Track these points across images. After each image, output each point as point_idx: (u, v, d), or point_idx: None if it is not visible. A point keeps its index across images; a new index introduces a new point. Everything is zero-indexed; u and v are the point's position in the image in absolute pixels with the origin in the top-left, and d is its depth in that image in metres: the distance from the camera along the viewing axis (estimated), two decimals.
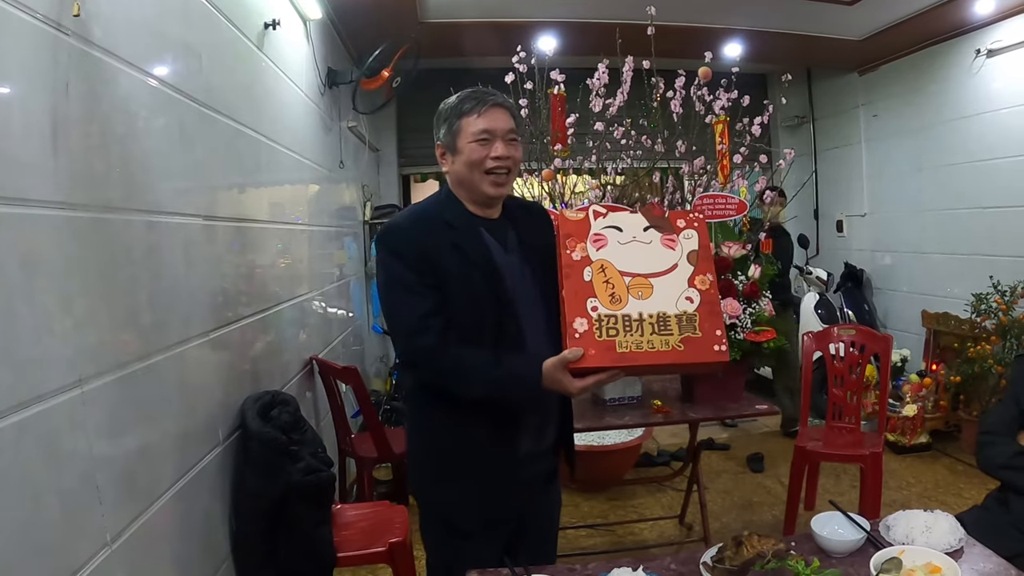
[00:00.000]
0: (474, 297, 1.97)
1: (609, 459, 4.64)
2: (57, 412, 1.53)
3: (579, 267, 1.95)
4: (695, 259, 1.99)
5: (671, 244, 2.01)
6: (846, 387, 4.03)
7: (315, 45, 4.43)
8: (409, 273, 1.95)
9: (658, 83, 3.51)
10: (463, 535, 2.07)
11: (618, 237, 2.01)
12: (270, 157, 3.37)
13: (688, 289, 1.95)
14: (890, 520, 1.91)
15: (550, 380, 1.89)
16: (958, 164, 5.79)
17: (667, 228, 2.03)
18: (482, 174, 1.99)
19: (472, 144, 1.98)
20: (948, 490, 4.51)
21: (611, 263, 1.96)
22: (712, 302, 1.94)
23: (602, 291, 1.92)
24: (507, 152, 2.00)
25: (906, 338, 6.08)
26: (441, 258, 1.95)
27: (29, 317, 1.47)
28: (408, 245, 1.97)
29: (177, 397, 2.16)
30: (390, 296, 2.02)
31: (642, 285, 1.94)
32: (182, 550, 2.13)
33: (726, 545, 1.80)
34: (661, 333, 1.88)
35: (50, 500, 1.48)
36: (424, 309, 1.93)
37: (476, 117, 1.98)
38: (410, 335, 1.97)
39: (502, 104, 2.03)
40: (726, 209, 3.10)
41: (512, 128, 2.03)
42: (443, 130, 2.05)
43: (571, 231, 2.00)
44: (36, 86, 1.56)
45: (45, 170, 1.57)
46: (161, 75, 2.18)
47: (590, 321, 1.88)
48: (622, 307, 1.90)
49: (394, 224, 2.07)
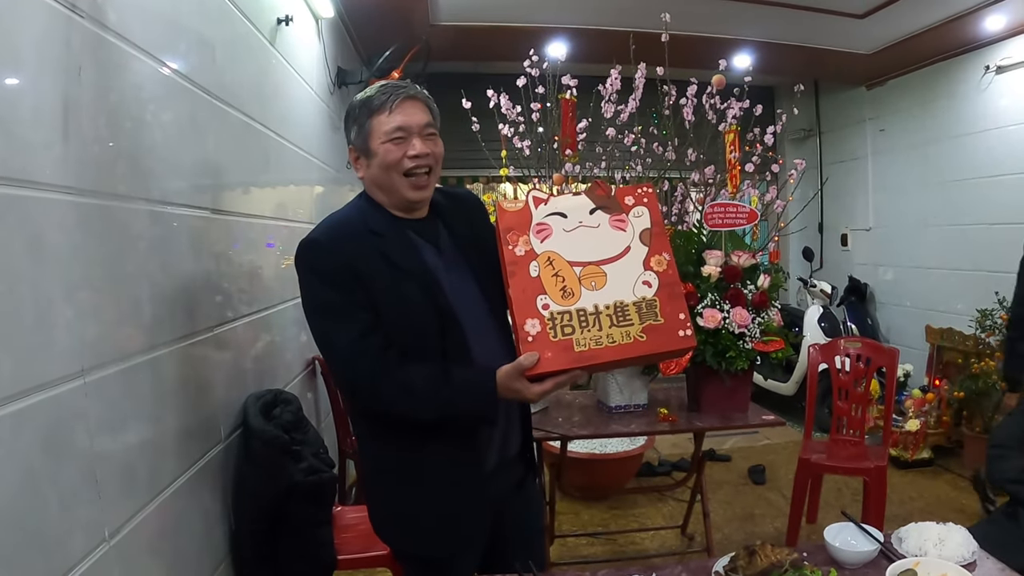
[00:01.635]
0: (411, 309, 1.80)
1: (611, 467, 4.61)
2: (58, 402, 1.51)
3: (524, 263, 1.79)
4: (648, 238, 1.84)
5: (621, 225, 1.85)
6: (850, 400, 4.01)
7: (326, 44, 4.42)
8: (334, 293, 1.78)
9: (670, 91, 3.49)
10: (439, 565, 1.95)
11: (563, 224, 1.84)
12: (279, 153, 3.36)
13: (644, 272, 1.80)
14: (902, 532, 1.89)
15: (506, 389, 1.75)
16: (965, 180, 5.78)
17: (615, 208, 1.87)
18: (400, 176, 1.83)
19: (386, 145, 1.81)
20: (950, 506, 4.48)
21: (558, 254, 1.80)
22: (672, 284, 1.80)
23: (552, 286, 1.76)
24: (425, 149, 1.83)
25: (909, 353, 6.04)
26: (368, 271, 1.78)
27: (32, 303, 1.45)
28: (330, 261, 1.80)
29: (179, 392, 2.14)
30: (317, 321, 1.83)
31: (594, 274, 1.79)
32: (180, 548, 2.11)
33: (738, 554, 1.78)
34: (620, 324, 1.74)
35: (48, 492, 1.46)
36: (355, 331, 1.77)
37: (387, 114, 1.81)
38: (346, 361, 1.80)
39: (415, 96, 1.85)
40: (737, 218, 3.07)
41: (429, 122, 1.86)
42: (354, 131, 1.89)
43: (511, 224, 1.84)
44: (48, 67, 1.55)
45: (54, 153, 1.55)
46: (174, 64, 2.17)
47: (542, 321, 1.73)
48: (575, 301, 1.75)
49: (311, 239, 1.85)
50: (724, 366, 2.99)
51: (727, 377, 3.04)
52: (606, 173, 3.83)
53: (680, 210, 3.80)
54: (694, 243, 3.21)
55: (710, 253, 3.08)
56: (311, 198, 4.13)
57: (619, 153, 3.83)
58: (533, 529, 2.23)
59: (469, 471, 1.90)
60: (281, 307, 3.31)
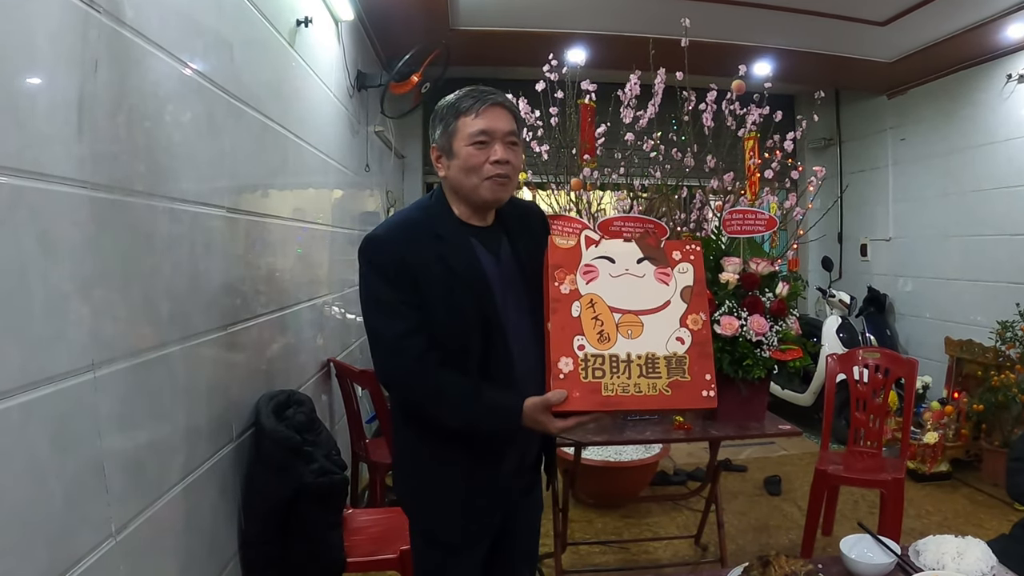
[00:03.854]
0: (460, 316, 1.85)
1: (625, 475, 4.57)
2: (67, 395, 1.50)
3: (567, 301, 1.85)
4: (689, 296, 1.90)
5: (665, 279, 1.92)
6: (868, 411, 3.97)
7: (346, 46, 4.42)
8: (388, 289, 1.84)
9: (690, 96, 3.47)
10: (445, 547, 2.01)
11: (610, 269, 1.90)
12: (297, 154, 3.36)
13: (680, 329, 1.87)
14: (920, 545, 1.86)
15: (530, 420, 1.81)
16: (985, 190, 5.72)
17: (662, 260, 1.93)
18: (481, 180, 1.86)
19: (469, 148, 1.85)
20: (968, 520, 4.41)
21: (601, 298, 1.87)
22: (703, 343, 1.86)
23: (590, 328, 1.83)
24: (507, 156, 1.87)
25: (928, 365, 5.98)
26: (425, 273, 1.83)
27: (43, 295, 1.44)
28: (388, 258, 1.84)
29: (191, 390, 2.14)
30: (368, 313, 1.90)
31: (632, 323, 1.86)
32: (188, 546, 2.10)
33: (752, 565, 1.76)
34: (649, 376, 1.81)
35: (54, 485, 1.46)
36: (402, 329, 1.82)
37: (474, 117, 1.85)
38: (387, 356, 1.87)
39: (502, 103, 1.89)
40: (756, 224, 3.04)
41: (513, 130, 1.90)
42: (439, 131, 1.92)
43: (560, 261, 1.89)
44: (64, 61, 1.55)
45: (68, 147, 1.55)
46: (191, 62, 2.17)
47: (576, 361, 1.80)
48: (610, 346, 1.82)
49: (375, 235, 1.91)
50: (741, 374, 2.95)
51: (744, 386, 3.00)
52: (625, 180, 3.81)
53: (699, 217, 3.77)
54: (712, 249, 3.18)
55: (728, 260, 3.04)
56: (329, 200, 4.13)
57: (638, 159, 3.81)
58: (533, 531, 2.31)
59: (488, 471, 1.97)
60: (296, 308, 3.31)
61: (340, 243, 4.33)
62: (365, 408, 4.30)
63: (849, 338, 6.00)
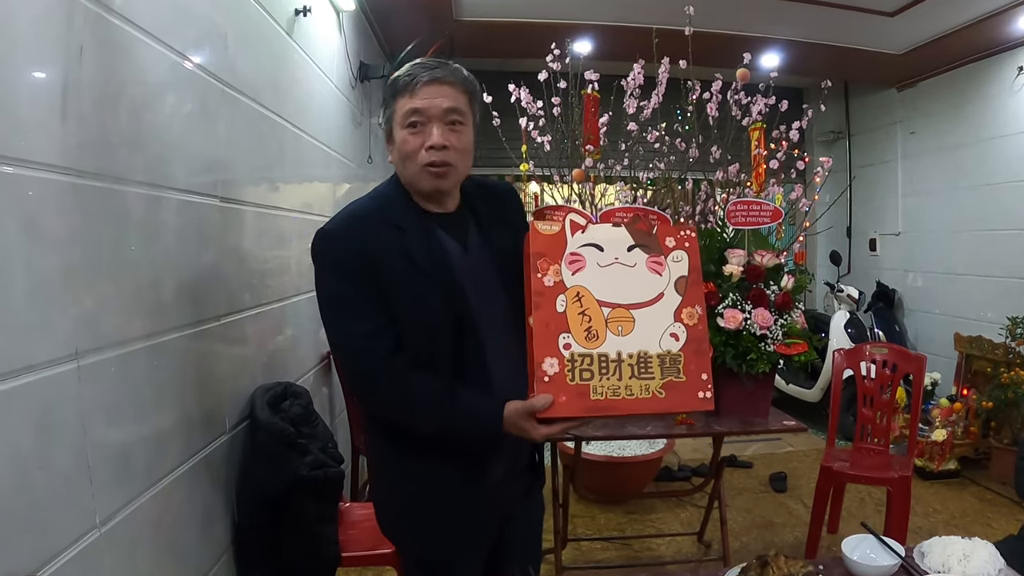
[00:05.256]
0: (427, 312, 1.69)
1: (628, 471, 4.53)
2: (49, 384, 1.47)
3: (552, 295, 1.67)
4: (683, 287, 1.74)
5: (658, 268, 1.74)
6: (876, 407, 3.91)
7: (347, 37, 4.38)
8: (347, 286, 1.67)
9: (694, 86, 3.42)
10: (443, 567, 1.88)
11: (598, 258, 1.72)
12: (295, 145, 3.32)
13: (674, 324, 1.71)
14: (925, 546, 1.81)
15: (512, 425, 1.65)
16: (996, 184, 5.65)
17: (654, 248, 1.76)
18: (418, 168, 1.70)
19: (403, 132, 1.69)
20: (976, 519, 4.35)
21: (588, 291, 1.69)
22: (699, 340, 1.71)
23: (577, 325, 1.66)
24: (442, 140, 1.67)
25: (937, 361, 5.91)
26: (386, 268, 1.67)
27: (23, 282, 1.41)
28: (345, 254, 1.68)
29: (182, 381, 2.10)
30: (328, 315, 1.73)
31: (623, 318, 1.69)
32: (179, 539, 2.06)
33: (750, 565, 1.71)
34: (641, 377, 1.66)
35: (36, 475, 1.42)
36: (367, 328, 1.67)
37: (409, 96, 1.67)
38: (353, 358, 1.72)
39: (441, 78, 1.68)
40: (760, 216, 2.99)
41: (454, 107, 1.69)
42: (383, 116, 1.77)
43: (543, 249, 1.70)
44: (47, 45, 1.51)
45: (52, 133, 1.51)
46: (182, 49, 2.13)
47: (561, 361, 1.63)
48: (599, 345, 1.66)
49: (328, 230, 1.73)
50: (745, 368, 2.90)
51: (747, 380, 2.95)
52: (629, 172, 3.76)
53: (703, 209, 3.71)
54: (716, 241, 3.13)
55: (732, 252, 2.99)
56: (329, 192, 4.09)
57: (642, 151, 3.76)
58: (534, 534, 2.15)
59: (474, 483, 1.82)
60: (295, 300, 3.27)
61: None
62: None
63: (857, 333, 5.93)
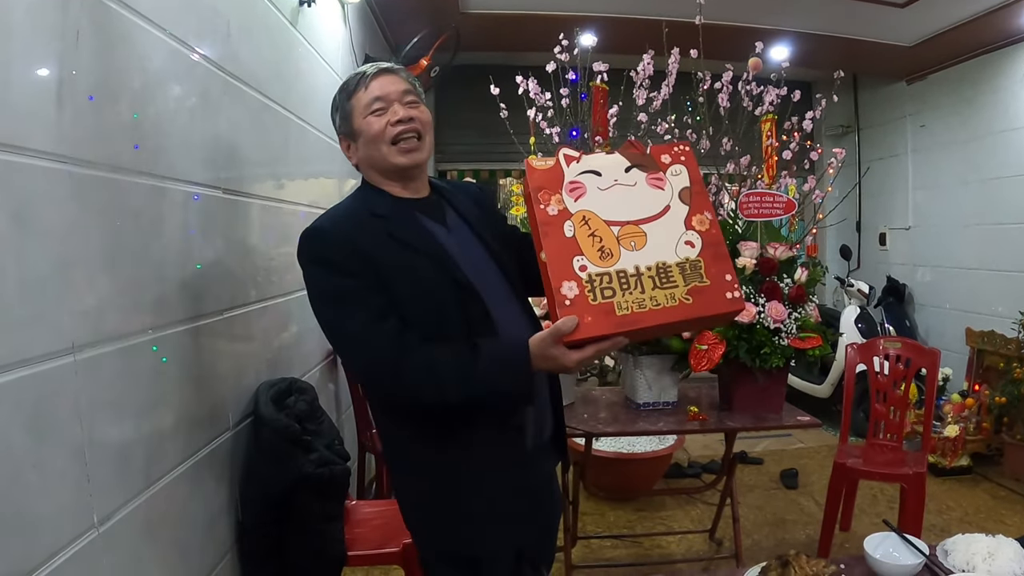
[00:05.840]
0: (427, 287, 1.72)
1: (638, 467, 4.49)
2: (44, 379, 1.42)
3: (558, 222, 1.66)
4: (688, 197, 1.73)
5: (659, 184, 1.74)
6: (889, 403, 3.86)
7: (352, 29, 4.34)
8: (342, 279, 1.69)
9: (705, 76, 3.37)
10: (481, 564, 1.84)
11: (597, 183, 1.71)
12: (300, 137, 3.27)
13: (687, 232, 1.69)
14: (948, 544, 1.76)
15: (541, 359, 1.62)
16: (1007, 177, 5.57)
17: (651, 166, 1.75)
18: (388, 145, 1.80)
19: (368, 118, 1.81)
20: (989, 516, 4.30)
21: (594, 213, 1.67)
22: (716, 244, 1.69)
23: (589, 246, 1.64)
24: (408, 113, 1.81)
25: (948, 357, 5.84)
26: (378, 254, 1.70)
27: (17, 274, 1.36)
28: (337, 247, 1.71)
29: (183, 376, 2.05)
30: (327, 313, 1.74)
31: (634, 234, 1.67)
32: (181, 538, 2.02)
33: (770, 565, 1.65)
34: (664, 287, 1.62)
35: (31, 473, 1.38)
36: (369, 315, 1.67)
37: (364, 91, 1.82)
38: (360, 347, 1.71)
39: (388, 70, 1.86)
40: (773, 208, 2.94)
41: (408, 89, 1.84)
42: (337, 119, 1.91)
43: (542, 182, 1.70)
44: (41, 29, 1.46)
45: (46, 119, 1.46)
46: (183, 37, 2.08)
47: (580, 284, 1.60)
48: (614, 262, 1.63)
49: (314, 228, 1.77)
50: (758, 363, 2.86)
51: (761, 375, 2.91)
52: None
53: (715, 201, 3.66)
54: (729, 233, 3.08)
55: (745, 244, 2.95)
56: (334, 186, 4.04)
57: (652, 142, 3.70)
58: (554, 527, 2.16)
59: (512, 453, 1.83)
60: (300, 294, 3.19)
61: None
62: None
63: (868, 329, 5.88)
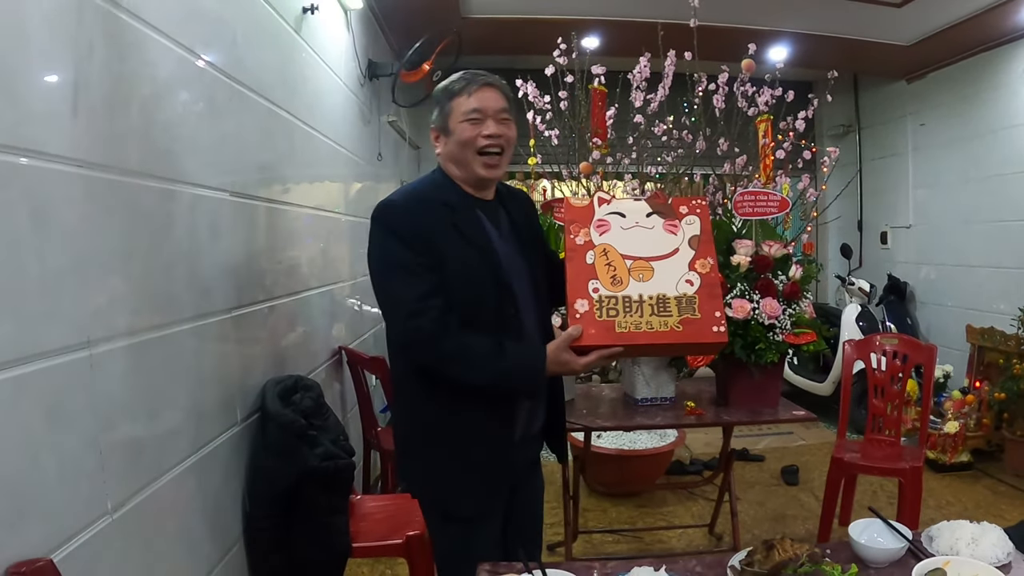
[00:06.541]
0: (473, 280, 1.95)
1: (639, 464, 4.53)
2: (61, 371, 1.50)
3: (582, 251, 2.02)
4: (696, 244, 2.05)
5: (673, 229, 2.08)
6: (887, 398, 3.90)
7: (356, 35, 4.41)
8: (407, 252, 1.91)
9: (700, 78, 3.42)
10: (462, 522, 2.06)
11: (621, 223, 2.07)
12: (305, 141, 3.34)
13: (688, 272, 2.00)
14: (933, 531, 1.81)
15: (555, 362, 1.93)
16: (1007, 175, 5.61)
17: (670, 214, 2.10)
18: (474, 154, 1.99)
19: (463, 123, 1.98)
20: (989, 511, 4.33)
21: (613, 247, 2.03)
22: (712, 284, 1.99)
23: (604, 273, 1.99)
24: (499, 130, 1.99)
25: (949, 354, 5.88)
26: (440, 239, 1.93)
27: (36, 271, 1.44)
28: (406, 223, 1.94)
29: (193, 371, 2.13)
30: (386, 276, 1.97)
31: (643, 268, 2.00)
32: (190, 528, 2.09)
33: (756, 549, 1.72)
34: (660, 314, 1.94)
35: (48, 461, 1.45)
36: (422, 290, 1.89)
37: (467, 97, 1.98)
38: (408, 316, 1.90)
39: (493, 84, 2.02)
40: (767, 206, 2.99)
41: (504, 107, 2.02)
42: (435, 112, 2.06)
43: (575, 217, 2.08)
44: (58, 40, 1.54)
45: (63, 125, 1.54)
46: (191, 45, 2.16)
47: (591, 302, 1.94)
48: (623, 289, 1.97)
49: (390, 202, 2.00)
50: (753, 359, 2.91)
51: (756, 370, 2.96)
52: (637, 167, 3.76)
53: (712, 201, 3.72)
54: (724, 232, 3.13)
55: (740, 242, 3.00)
56: (340, 189, 4.11)
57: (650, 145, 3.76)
58: (538, 511, 2.38)
59: (500, 438, 2.06)
60: (306, 295, 3.30)
61: (352, 232, 4.31)
62: (379, 398, 4.29)
63: (869, 327, 5.91)
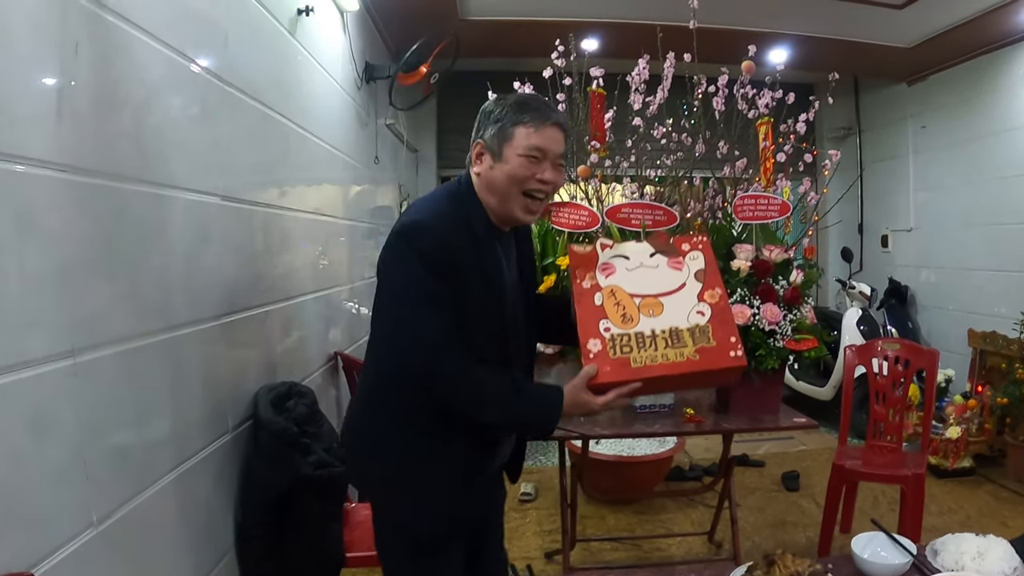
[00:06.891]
0: (486, 317, 1.87)
1: (638, 471, 4.49)
2: (44, 380, 1.46)
3: (590, 294, 2.00)
4: (702, 276, 2.04)
5: (678, 266, 2.07)
6: (888, 404, 3.86)
7: (352, 37, 4.36)
8: (434, 280, 1.76)
9: (700, 80, 3.39)
10: (430, 551, 1.94)
11: (625, 264, 2.07)
12: (299, 145, 3.30)
13: (699, 304, 1.98)
14: (938, 544, 1.77)
15: (573, 404, 1.86)
16: (1009, 177, 5.58)
17: (673, 253, 2.10)
18: (519, 193, 1.87)
19: (521, 158, 1.84)
20: (992, 518, 4.30)
21: (621, 287, 2.01)
22: (723, 312, 1.96)
23: (613, 313, 1.96)
24: (553, 177, 1.88)
25: (951, 358, 5.85)
26: (464, 275, 1.80)
27: (17, 278, 1.40)
28: (435, 247, 1.77)
29: (181, 380, 2.08)
30: (407, 303, 1.79)
31: (652, 304, 1.98)
32: (180, 538, 2.05)
33: (756, 564, 1.69)
34: (675, 347, 1.90)
35: (31, 471, 1.41)
36: (447, 322, 1.76)
37: (534, 131, 1.84)
38: (433, 349, 1.77)
39: (562, 125, 1.90)
40: (768, 210, 2.95)
41: (563, 152, 1.92)
42: (491, 130, 1.88)
43: (579, 263, 2.07)
44: (42, 41, 1.50)
45: (46, 129, 1.50)
46: (180, 48, 2.11)
47: (603, 341, 1.91)
48: (634, 326, 1.93)
49: (421, 221, 1.82)
50: (754, 365, 2.87)
51: (757, 377, 2.92)
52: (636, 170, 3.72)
53: (712, 205, 3.68)
54: (724, 236, 3.09)
55: (740, 247, 2.96)
56: (336, 192, 4.07)
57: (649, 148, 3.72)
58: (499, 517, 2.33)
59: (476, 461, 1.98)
60: (300, 300, 3.26)
61: (349, 236, 4.27)
62: None
63: (870, 331, 5.88)
